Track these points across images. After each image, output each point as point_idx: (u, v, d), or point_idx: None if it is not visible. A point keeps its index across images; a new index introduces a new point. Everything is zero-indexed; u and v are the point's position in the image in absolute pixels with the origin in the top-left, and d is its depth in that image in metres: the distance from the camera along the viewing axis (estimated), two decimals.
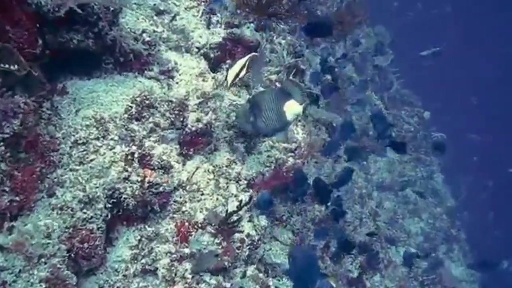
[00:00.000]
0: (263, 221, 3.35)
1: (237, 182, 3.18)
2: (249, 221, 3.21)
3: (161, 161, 2.55)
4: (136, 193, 2.37)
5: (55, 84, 2.49)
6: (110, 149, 2.36)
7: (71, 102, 2.46)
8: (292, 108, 2.92)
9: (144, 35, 2.79)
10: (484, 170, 16.95)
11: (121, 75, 2.71)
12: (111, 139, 2.38)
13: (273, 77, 3.95)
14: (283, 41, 4.71)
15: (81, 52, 2.48)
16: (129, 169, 2.37)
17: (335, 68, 6.11)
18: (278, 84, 3.91)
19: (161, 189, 2.50)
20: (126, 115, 2.52)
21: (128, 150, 2.40)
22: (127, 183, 2.35)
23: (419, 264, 7.72)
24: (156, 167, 2.52)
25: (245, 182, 3.21)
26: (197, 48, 3.24)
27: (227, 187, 3.11)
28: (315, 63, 5.84)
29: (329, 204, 4.20)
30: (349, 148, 5.57)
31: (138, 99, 2.60)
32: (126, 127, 2.48)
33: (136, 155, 2.41)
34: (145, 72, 2.79)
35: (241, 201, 2.79)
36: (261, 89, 3.63)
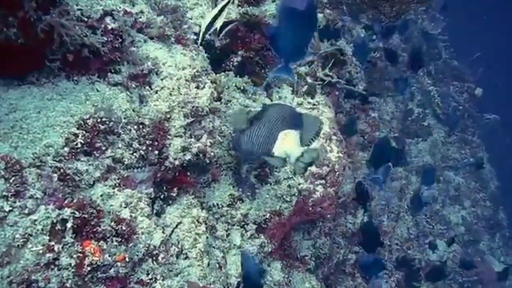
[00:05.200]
0: (277, 274, 2.47)
1: (242, 227, 2.27)
2: None
3: (118, 223, 1.64)
4: (68, 285, 1.48)
5: None
6: (27, 215, 1.46)
7: None
8: (287, 143, 1.95)
9: (107, 19, 1.82)
10: None
11: (70, 80, 1.79)
12: (30, 197, 1.48)
13: (303, 69, 2.94)
14: (320, 15, 3.70)
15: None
16: (57, 247, 1.47)
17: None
18: (309, 79, 2.92)
19: (112, 272, 1.59)
20: (66, 150, 1.61)
21: (58, 214, 1.49)
22: (51, 270, 1.46)
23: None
24: (107, 235, 1.61)
25: (254, 226, 2.30)
26: (194, 34, 2.27)
27: (228, 235, 2.22)
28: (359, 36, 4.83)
29: None
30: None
31: (89, 121, 1.68)
32: (61, 171, 1.57)
33: (71, 222, 1.51)
34: (108, 75, 1.86)
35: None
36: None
